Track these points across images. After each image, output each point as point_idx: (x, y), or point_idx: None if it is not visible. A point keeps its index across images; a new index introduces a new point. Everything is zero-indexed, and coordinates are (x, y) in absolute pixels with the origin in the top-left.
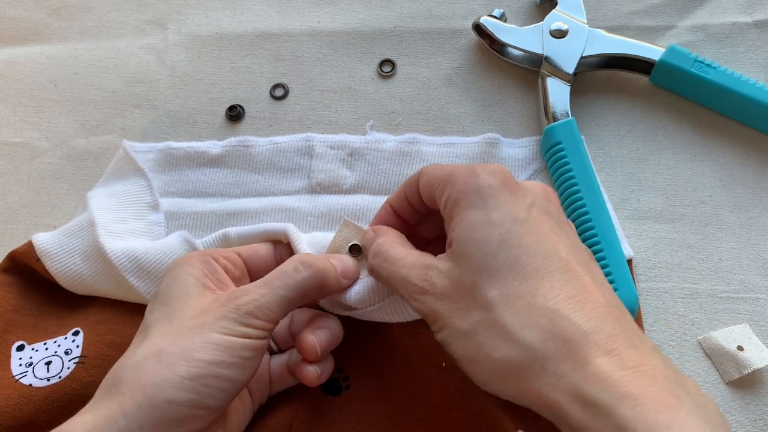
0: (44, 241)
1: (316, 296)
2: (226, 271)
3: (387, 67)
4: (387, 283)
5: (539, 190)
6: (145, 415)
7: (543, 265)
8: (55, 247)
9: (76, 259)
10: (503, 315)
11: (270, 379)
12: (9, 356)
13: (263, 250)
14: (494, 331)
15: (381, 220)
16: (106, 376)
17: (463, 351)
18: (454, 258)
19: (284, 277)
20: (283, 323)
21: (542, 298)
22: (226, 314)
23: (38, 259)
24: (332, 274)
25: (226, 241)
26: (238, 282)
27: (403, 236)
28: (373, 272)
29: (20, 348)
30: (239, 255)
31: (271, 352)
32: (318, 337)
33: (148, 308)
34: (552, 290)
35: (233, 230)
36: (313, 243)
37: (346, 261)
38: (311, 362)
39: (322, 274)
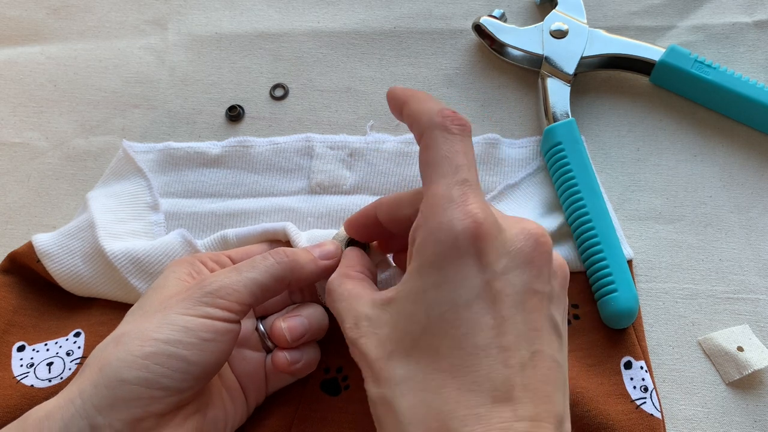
0: (44, 242)
1: (296, 281)
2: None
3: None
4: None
5: (523, 251)
6: (100, 394)
7: (462, 362)
8: (56, 248)
9: (77, 261)
10: (400, 399)
11: (266, 377)
12: (9, 357)
13: (255, 251)
14: (389, 411)
15: (362, 217)
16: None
17: (371, 412)
18: (388, 312)
19: (252, 262)
20: None
21: (443, 400)
22: (189, 296)
23: (38, 260)
24: (304, 257)
25: (224, 243)
26: None
27: (365, 259)
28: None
29: (21, 348)
30: (230, 258)
31: (268, 351)
32: (289, 323)
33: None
34: (458, 394)
35: (231, 232)
36: (312, 239)
37: (325, 244)
38: (282, 348)
39: (291, 257)
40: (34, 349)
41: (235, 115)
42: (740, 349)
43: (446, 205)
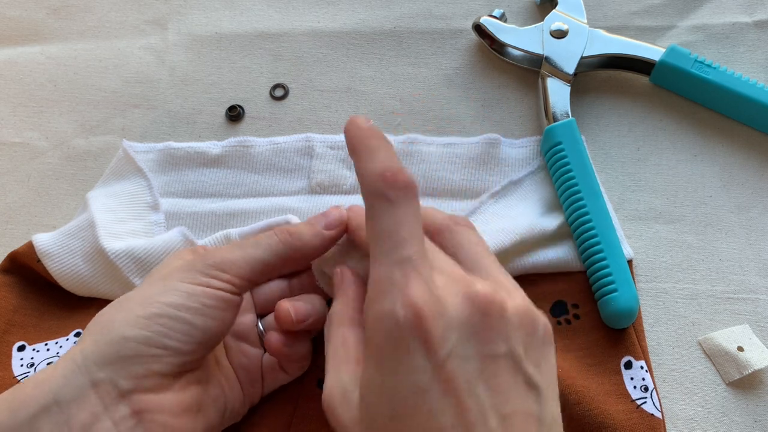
0: (45, 242)
1: (301, 258)
2: None
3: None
4: None
5: (469, 323)
6: (101, 351)
7: None
8: (56, 248)
9: (77, 260)
10: None
11: (262, 375)
12: (10, 356)
13: None
14: None
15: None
16: None
17: None
18: (357, 393)
19: (256, 240)
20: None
21: None
22: (191, 267)
23: (38, 260)
24: (308, 232)
25: (227, 242)
26: None
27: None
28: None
29: (21, 348)
30: None
31: (266, 350)
32: (294, 304)
33: None
34: None
35: (234, 231)
36: None
37: (330, 213)
38: (285, 332)
39: (295, 236)
40: (34, 349)
41: (235, 115)
42: (740, 349)
43: (388, 289)
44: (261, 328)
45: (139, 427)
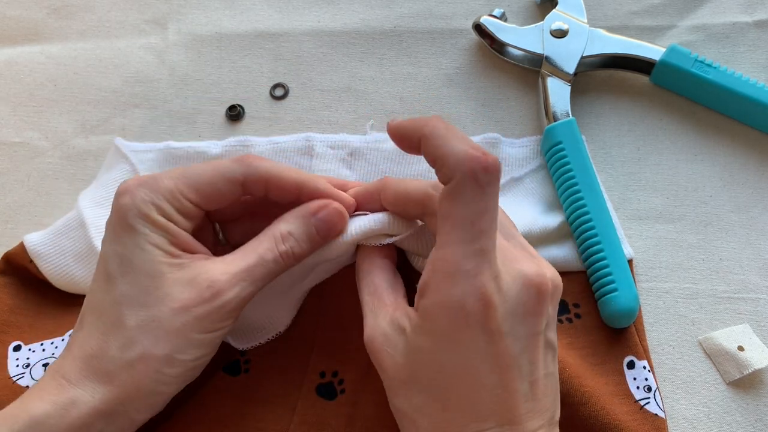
0: (35, 242)
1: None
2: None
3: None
4: None
5: (526, 306)
6: (134, 404)
7: (472, 406)
8: (47, 248)
9: (69, 260)
10: (420, 420)
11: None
12: (6, 357)
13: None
14: (411, 424)
15: (366, 195)
16: (81, 356)
17: (396, 417)
18: (401, 341)
19: (262, 263)
20: None
21: (458, 427)
22: (208, 314)
23: (31, 260)
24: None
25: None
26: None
27: (389, 261)
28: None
29: (17, 348)
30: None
31: None
32: None
33: (104, 268)
34: (471, 423)
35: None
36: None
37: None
38: None
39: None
40: (30, 349)
41: (235, 114)
42: (741, 348)
43: (459, 276)
44: None
45: None
